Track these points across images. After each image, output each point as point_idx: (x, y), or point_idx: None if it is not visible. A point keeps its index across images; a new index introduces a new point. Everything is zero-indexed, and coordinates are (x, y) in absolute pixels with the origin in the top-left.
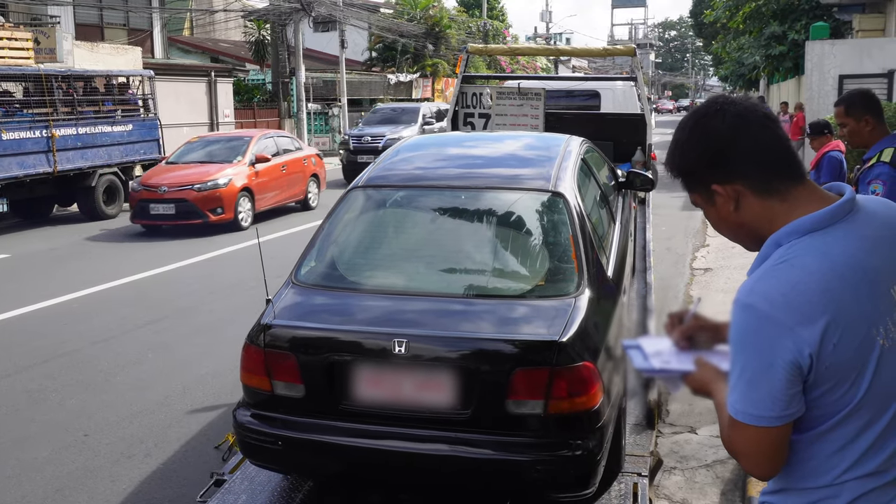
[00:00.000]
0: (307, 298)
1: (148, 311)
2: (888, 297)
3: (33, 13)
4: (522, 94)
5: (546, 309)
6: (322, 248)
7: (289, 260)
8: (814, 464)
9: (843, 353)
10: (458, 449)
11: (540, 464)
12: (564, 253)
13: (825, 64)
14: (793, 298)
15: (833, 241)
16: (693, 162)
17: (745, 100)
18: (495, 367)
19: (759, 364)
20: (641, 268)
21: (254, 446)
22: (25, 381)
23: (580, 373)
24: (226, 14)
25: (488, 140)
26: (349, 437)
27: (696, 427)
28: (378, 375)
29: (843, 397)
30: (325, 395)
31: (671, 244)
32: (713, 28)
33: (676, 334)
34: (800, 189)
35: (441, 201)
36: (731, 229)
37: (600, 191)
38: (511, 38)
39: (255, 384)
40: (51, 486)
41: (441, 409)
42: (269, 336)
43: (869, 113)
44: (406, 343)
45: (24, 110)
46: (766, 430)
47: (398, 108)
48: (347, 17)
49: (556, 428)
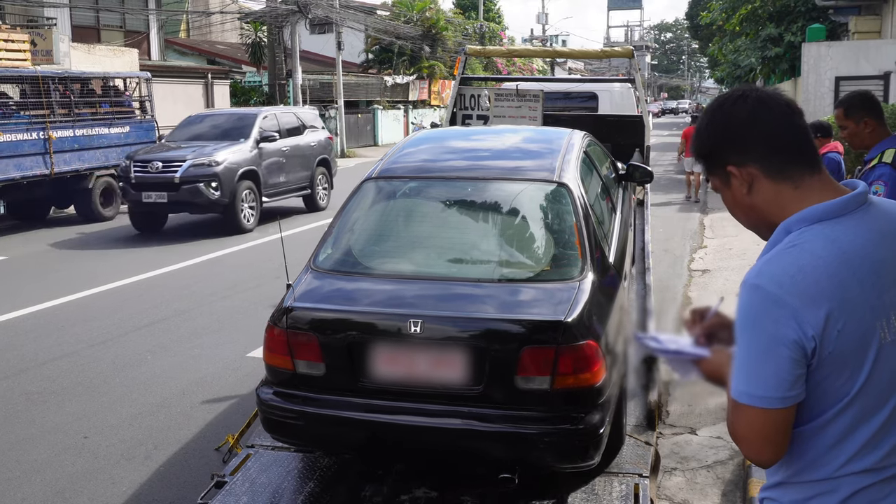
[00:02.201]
0: (326, 283)
1: (146, 313)
2: (892, 291)
3: (30, 15)
4: (520, 95)
5: (552, 291)
6: (338, 236)
7: (294, 259)
8: (812, 456)
9: (846, 341)
10: (470, 423)
11: (547, 436)
12: (569, 240)
13: (821, 66)
14: (800, 281)
15: (843, 230)
16: (712, 143)
17: (772, 89)
18: (505, 346)
19: (766, 343)
20: (640, 269)
21: (277, 422)
22: (24, 383)
23: (584, 351)
24: (222, 16)
25: (493, 134)
26: (367, 413)
27: (697, 428)
28: (394, 354)
29: (843, 387)
30: (344, 372)
31: (669, 245)
32: (709, 30)
33: (697, 330)
34: (813, 179)
35: (451, 191)
36: (744, 213)
37: (602, 182)
38: (507, 40)
39: (278, 363)
40: (51, 488)
41: (454, 385)
42: (292, 318)
43: (869, 115)
44: (421, 323)
45: (20, 112)
46: (769, 412)
47: (224, 115)
48: (344, 19)
49: (561, 403)
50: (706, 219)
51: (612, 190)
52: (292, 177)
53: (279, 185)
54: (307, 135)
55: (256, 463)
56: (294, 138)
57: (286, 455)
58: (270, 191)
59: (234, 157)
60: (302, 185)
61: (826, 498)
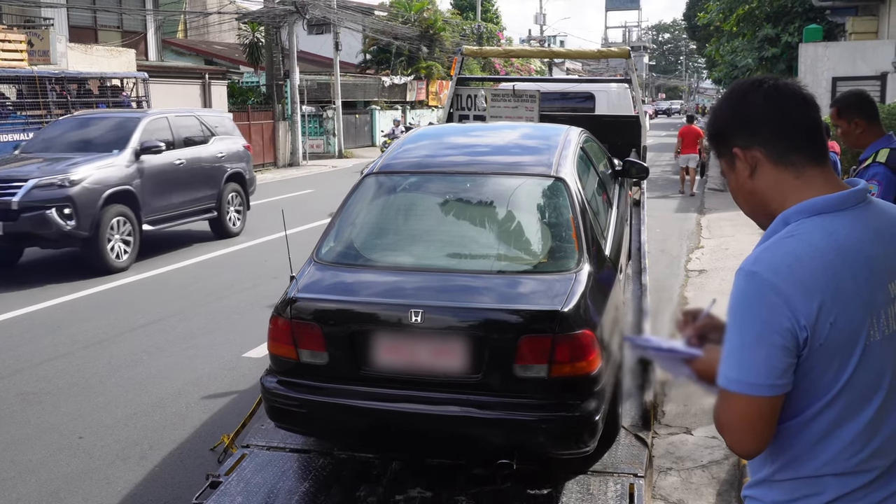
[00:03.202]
0: (328, 274)
1: (142, 314)
2: (885, 290)
3: (27, 15)
4: (517, 95)
5: (549, 283)
6: (340, 230)
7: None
8: (796, 452)
9: (837, 334)
10: (470, 410)
11: (544, 423)
12: (566, 233)
13: (818, 66)
14: (796, 270)
15: (840, 224)
16: (721, 123)
17: (791, 80)
18: (503, 335)
19: (759, 330)
20: (636, 269)
21: (281, 410)
22: (20, 383)
23: (580, 340)
24: (220, 16)
25: (492, 130)
26: (369, 401)
27: (692, 428)
28: (396, 343)
29: (828, 382)
30: (346, 361)
31: (666, 246)
32: (707, 31)
33: (689, 331)
34: (816, 170)
35: (450, 186)
36: (744, 198)
37: (598, 177)
38: (505, 40)
39: (282, 353)
40: (45, 488)
41: (454, 373)
42: (295, 309)
43: (859, 115)
44: (422, 313)
45: (17, 112)
46: (755, 400)
47: (101, 119)
48: (342, 20)
49: (558, 390)
50: (703, 219)
51: (608, 185)
52: (190, 197)
53: (169, 207)
54: (214, 144)
55: (251, 463)
56: (194, 148)
57: (281, 455)
58: (156, 216)
59: (99, 175)
60: (205, 207)
61: (810, 500)
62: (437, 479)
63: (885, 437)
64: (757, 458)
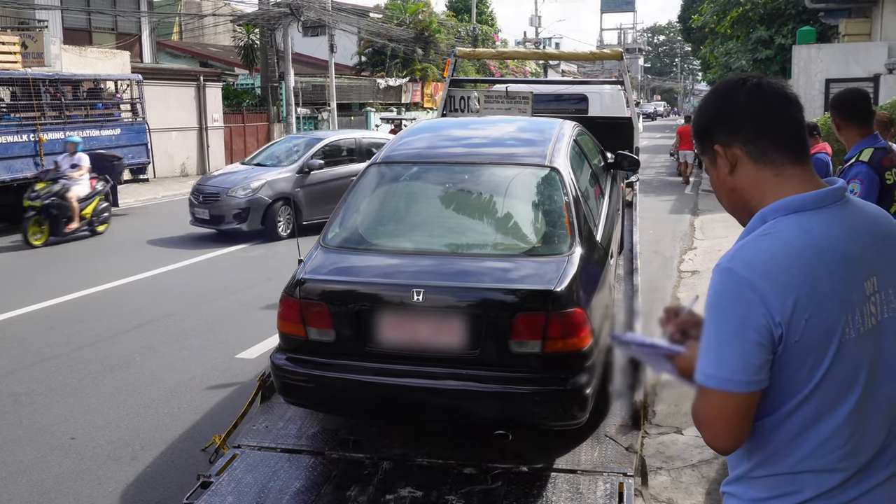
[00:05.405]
0: (335, 257)
1: (135, 315)
2: (860, 288)
3: (21, 17)
4: (510, 97)
5: (543, 264)
6: (345, 216)
7: None
8: (772, 448)
9: (812, 331)
10: (468, 384)
11: (537, 395)
12: (559, 218)
13: (812, 68)
14: (772, 267)
15: (817, 222)
16: (704, 120)
17: (776, 80)
18: (500, 313)
19: (736, 326)
20: (628, 270)
21: (290, 386)
22: (12, 384)
23: (572, 317)
24: (215, 18)
25: (489, 124)
26: (373, 376)
27: (682, 428)
28: (399, 321)
29: (803, 379)
30: (352, 339)
31: (659, 247)
32: (701, 33)
33: (671, 327)
34: (796, 169)
35: (449, 175)
36: (725, 195)
37: (591, 168)
38: (500, 42)
39: (291, 331)
40: (37, 489)
41: (453, 349)
42: (304, 289)
43: (835, 115)
44: (423, 293)
45: (11, 114)
46: (732, 395)
47: None
48: (336, 22)
49: (551, 365)
50: (696, 220)
51: (600, 176)
52: None
53: None
54: None
55: (242, 463)
56: None
57: (272, 455)
58: None
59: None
60: None
61: (789, 499)
62: (427, 478)
63: (861, 434)
64: (735, 455)
